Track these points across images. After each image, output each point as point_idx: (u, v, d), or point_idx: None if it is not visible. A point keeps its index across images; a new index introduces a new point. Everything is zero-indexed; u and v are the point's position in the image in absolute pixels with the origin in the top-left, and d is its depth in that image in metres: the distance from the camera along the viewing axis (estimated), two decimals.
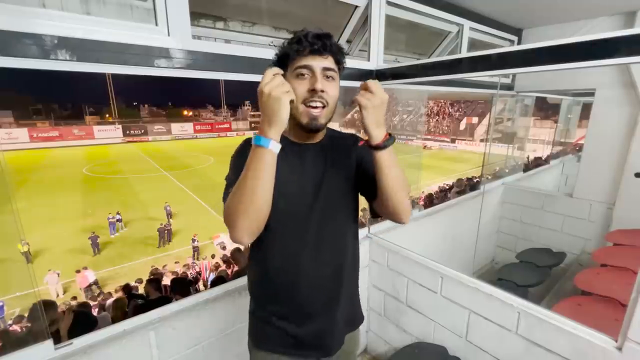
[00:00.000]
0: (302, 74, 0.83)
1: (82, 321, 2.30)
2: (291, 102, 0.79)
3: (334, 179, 0.94)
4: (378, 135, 0.80)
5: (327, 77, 0.84)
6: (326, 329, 1.00)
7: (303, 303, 0.96)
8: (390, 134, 0.82)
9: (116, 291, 5.85)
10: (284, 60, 0.86)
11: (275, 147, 0.76)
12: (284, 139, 0.90)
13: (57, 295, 7.58)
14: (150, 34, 1.21)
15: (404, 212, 0.89)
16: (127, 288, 5.48)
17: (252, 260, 1.03)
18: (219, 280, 4.20)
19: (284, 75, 0.83)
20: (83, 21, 1.09)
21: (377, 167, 0.83)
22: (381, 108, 0.80)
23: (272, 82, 0.75)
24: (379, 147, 0.81)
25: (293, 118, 0.87)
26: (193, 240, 9.33)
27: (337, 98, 0.89)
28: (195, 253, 9.21)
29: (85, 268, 7.61)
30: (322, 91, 0.82)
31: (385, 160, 0.82)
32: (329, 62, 0.84)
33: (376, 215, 0.98)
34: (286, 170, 0.89)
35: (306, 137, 0.93)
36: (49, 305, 2.45)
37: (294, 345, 0.98)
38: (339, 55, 0.87)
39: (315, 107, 0.84)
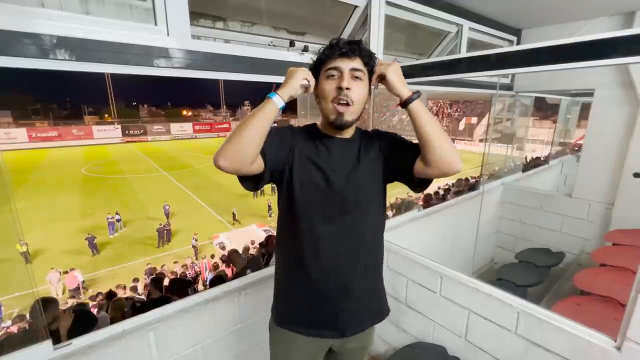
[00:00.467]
0: (332, 75, 0.92)
1: (82, 320, 2.28)
2: (307, 90, 0.94)
3: (360, 170, 0.99)
4: (405, 91, 0.91)
5: (355, 77, 0.92)
6: (343, 313, 1.04)
7: (322, 287, 1.01)
8: (415, 91, 0.92)
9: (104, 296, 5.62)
10: (318, 66, 0.96)
11: (278, 100, 0.87)
12: (317, 131, 1.03)
13: (57, 295, 7.58)
14: (150, 34, 1.21)
15: (453, 158, 0.88)
16: (111, 294, 5.19)
17: (278, 242, 1.09)
18: (218, 279, 4.19)
19: (317, 80, 0.96)
20: (82, 21, 1.09)
21: (414, 121, 0.90)
22: (398, 71, 0.93)
23: (300, 68, 0.91)
24: (410, 101, 0.90)
25: (324, 116, 0.97)
26: (193, 239, 9.34)
27: (364, 97, 0.95)
28: (195, 252, 9.22)
29: (74, 269, 7.54)
30: (348, 89, 0.90)
31: (419, 111, 0.90)
32: (356, 63, 0.91)
33: (422, 185, 1.01)
34: (315, 157, 0.98)
35: (337, 133, 1.00)
36: (50, 302, 2.42)
37: (312, 324, 1.04)
38: (367, 58, 0.93)
39: (341, 105, 0.91)
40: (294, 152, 0.97)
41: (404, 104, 0.91)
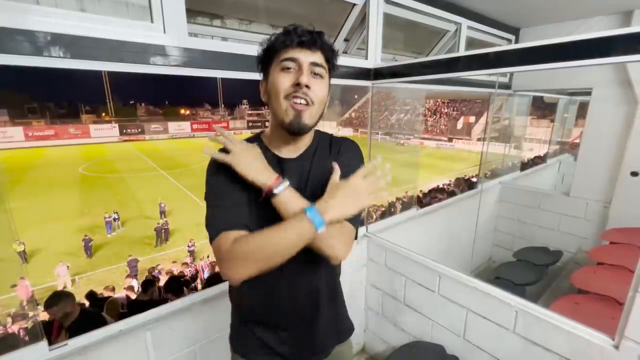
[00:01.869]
0: (288, 67, 0.77)
1: (89, 321, 2.26)
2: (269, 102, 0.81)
3: (310, 194, 0.85)
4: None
5: (315, 73, 0.78)
6: (306, 343, 0.97)
7: (280, 320, 0.93)
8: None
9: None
10: (269, 54, 0.80)
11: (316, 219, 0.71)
12: (269, 153, 0.86)
13: (65, 287, 7.63)
14: (146, 32, 1.20)
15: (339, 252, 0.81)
16: (91, 295, 4.83)
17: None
18: (215, 277, 4.18)
19: (268, 71, 0.82)
20: (78, 18, 1.07)
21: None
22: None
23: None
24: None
25: (275, 117, 0.81)
26: (189, 246, 9.27)
27: (324, 99, 0.82)
28: (192, 256, 9.18)
29: (23, 278, 6.99)
30: (307, 87, 0.76)
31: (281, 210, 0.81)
32: (317, 57, 0.78)
33: None
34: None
35: (289, 146, 0.86)
36: (64, 296, 2.36)
37: (272, 354, 0.96)
38: (329, 54, 0.80)
39: (299, 103, 0.77)
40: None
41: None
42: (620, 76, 2.77)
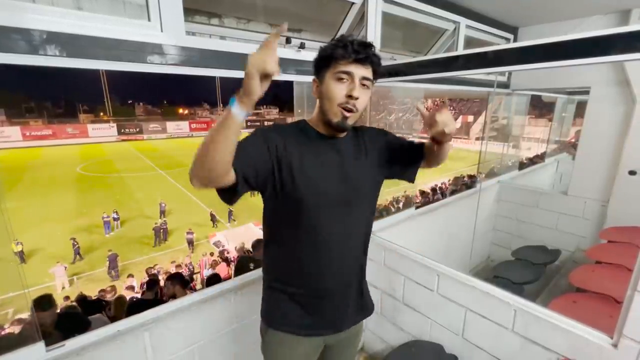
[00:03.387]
0: (342, 79, 0.89)
1: (68, 323, 2.22)
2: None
3: (359, 169, 1.00)
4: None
5: (363, 85, 0.90)
6: (340, 311, 1.07)
7: (323, 288, 1.02)
8: None
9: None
10: (326, 61, 0.90)
11: (237, 111, 0.72)
12: (313, 131, 0.98)
13: (63, 288, 7.65)
14: (143, 30, 1.19)
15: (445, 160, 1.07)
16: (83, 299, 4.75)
17: (270, 247, 1.06)
18: (214, 277, 4.16)
19: (323, 75, 0.92)
20: (74, 16, 1.06)
21: (443, 151, 0.99)
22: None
23: (258, 55, 0.69)
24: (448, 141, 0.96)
25: (324, 114, 0.93)
26: (188, 234, 9.27)
27: (366, 105, 0.95)
28: (191, 247, 9.18)
29: None
30: (357, 98, 0.88)
31: (449, 146, 0.99)
32: (368, 72, 0.90)
33: (415, 175, 1.15)
34: (315, 161, 0.95)
35: (334, 133, 0.99)
36: (45, 300, 2.31)
37: (312, 325, 1.04)
38: (377, 66, 0.92)
39: (349, 111, 0.90)
40: (285, 154, 0.89)
41: (444, 142, 0.95)
42: (618, 75, 2.78)
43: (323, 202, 0.95)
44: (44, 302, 2.21)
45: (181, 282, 3.56)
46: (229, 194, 0.85)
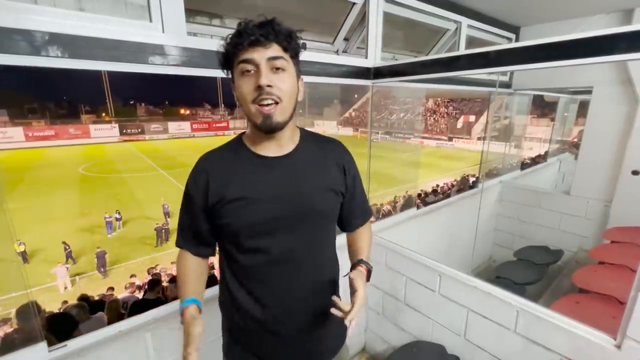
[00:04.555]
0: (247, 70, 0.75)
1: (62, 324, 2.22)
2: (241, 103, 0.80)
3: (309, 194, 0.86)
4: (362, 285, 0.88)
5: (276, 68, 0.75)
6: (302, 351, 0.96)
7: (278, 325, 0.90)
8: (366, 264, 0.98)
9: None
10: (229, 59, 0.78)
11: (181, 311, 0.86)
12: (248, 152, 0.86)
13: (65, 288, 7.62)
14: (145, 31, 1.19)
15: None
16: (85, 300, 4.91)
17: (224, 279, 0.95)
18: (211, 279, 4.15)
19: (232, 76, 0.80)
20: (76, 17, 1.07)
21: (352, 270, 0.95)
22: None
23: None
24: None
25: (249, 120, 0.80)
26: (164, 207, 9.29)
27: (292, 90, 0.79)
28: (168, 218, 9.13)
29: None
30: (269, 86, 0.74)
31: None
32: (273, 50, 0.75)
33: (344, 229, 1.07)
34: (253, 186, 0.83)
35: (272, 145, 0.85)
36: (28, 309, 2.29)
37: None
38: (286, 41, 0.76)
39: (266, 105, 0.75)
40: (218, 201, 0.83)
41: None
42: (621, 75, 2.76)
43: (254, 228, 0.83)
44: (27, 312, 2.18)
45: None
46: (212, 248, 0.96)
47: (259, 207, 0.82)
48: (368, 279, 0.95)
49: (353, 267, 0.97)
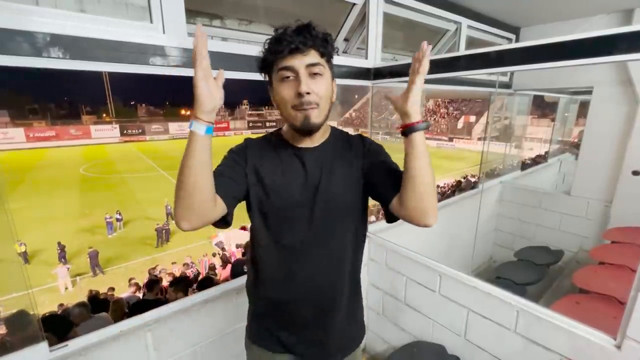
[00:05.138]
0: (287, 77, 0.79)
1: (57, 325, 2.21)
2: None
3: (334, 184, 0.89)
4: (417, 115, 0.77)
5: (314, 74, 0.79)
6: (319, 340, 0.98)
7: (295, 312, 0.94)
8: (425, 119, 0.79)
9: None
10: (266, 64, 0.82)
11: (197, 127, 0.69)
12: (283, 142, 0.91)
13: (66, 288, 7.64)
14: (145, 32, 1.19)
15: (431, 209, 0.79)
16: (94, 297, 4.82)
17: (250, 262, 1.02)
18: (206, 281, 4.15)
19: (270, 80, 0.83)
20: (77, 19, 1.07)
21: (411, 153, 0.77)
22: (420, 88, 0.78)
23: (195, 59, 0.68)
24: (416, 128, 0.77)
25: (287, 122, 0.85)
26: (167, 207, 9.44)
27: (328, 94, 0.83)
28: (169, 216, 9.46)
29: None
30: (308, 93, 0.77)
31: (419, 144, 0.77)
32: (311, 57, 0.78)
33: (393, 218, 0.90)
34: (283, 173, 0.88)
35: (306, 139, 0.89)
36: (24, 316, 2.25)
37: (287, 350, 0.99)
38: (323, 47, 0.80)
39: (305, 110, 0.79)
40: (257, 174, 0.87)
41: (410, 129, 0.77)
42: (621, 75, 2.76)
43: (282, 213, 0.88)
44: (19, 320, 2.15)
45: (185, 286, 3.58)
46: (223, 221, 0.83)
47: (288, 191, 0.87)
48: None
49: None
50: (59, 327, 2.21)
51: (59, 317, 2.79)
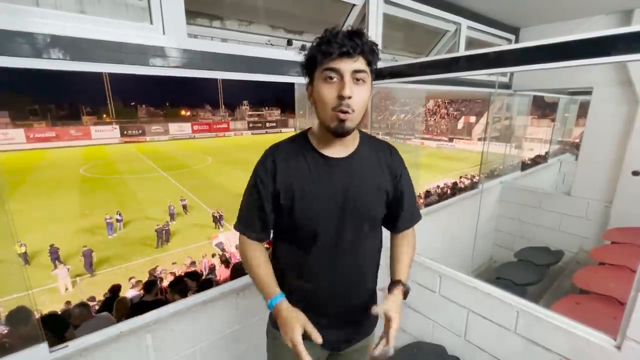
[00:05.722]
0: (331, 77, 0.80)
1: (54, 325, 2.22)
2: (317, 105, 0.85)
3: (362, 195, 0.94)
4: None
5: (357, 79, 0.80)
6: (338, 331, 1.04)
7: (319, 308, 1.00)
8: (403, 285, 1.08)
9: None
10: (312, 62, 0.83)
11: (271, 306, 0.92)
12: (313, 151, 0.93)
13: (66, 289, 7.65)
14: (145, 33, 1.20)
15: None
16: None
17: (275, 255, 1.06)
18: (206, 283, 4.16)
19: (312, 78, 0.85)
20: (77, 20, 1.07)
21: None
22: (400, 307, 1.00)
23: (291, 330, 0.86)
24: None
25: (321, 121, 0.87)
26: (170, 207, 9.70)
27: (365, 102, 0.85)
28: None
29: None
30: (350, 97, 0.79)
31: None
32: (359, 64, 0.80)
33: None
34: (315, 181, 0.91)
35: (336, 145, 0.92)
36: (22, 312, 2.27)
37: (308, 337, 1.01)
38: (370, 55, 0.81)
39: (344, 113, 0.81)
40: (284, 189, 0.92)
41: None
42: (621, 76, 2.76)
43: (311, 220, 0.92)
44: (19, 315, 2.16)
45: (186, 286, 3.58)
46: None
47: (318, 202, 0.91)
48: (405, 297, 1.04)
49: (390, 288, 1.04)
50: (58, 326, 2.21)
51: (58, 317, 2.79)
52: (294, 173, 0.91)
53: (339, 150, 0.93)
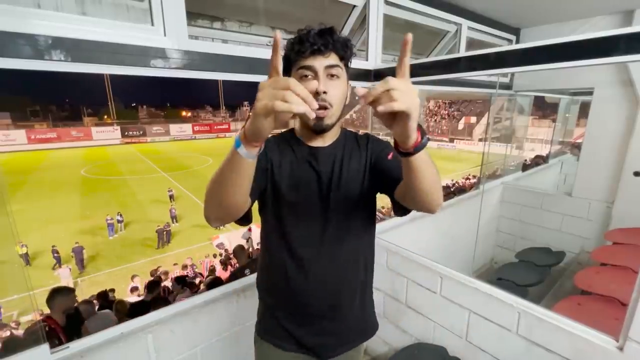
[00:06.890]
0: (306, 75, 0.82)
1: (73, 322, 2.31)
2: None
3: (346, 179, 0.93)
4: (414, 136, 0.61)
5: (332, 75, 0.83)
6: (328, 333, 1.01)
7: (306, 305, 0.97)
8: (420, 127, 0.63)
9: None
10: (288, 61, 0.85)
11: (244, 152, 0.63)
12: (295, 140, 0.95)
13: None
14: (146, 34, 1.20)
15: (436, 204, 0.76)
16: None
17: (261, 255, 1.05)
18: (214, 282, 4.17)
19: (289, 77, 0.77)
20: (78, 21, 1.08)
21: (411, 172, 0.67)
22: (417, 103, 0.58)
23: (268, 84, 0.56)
24: (420, 148, 0.63)
25: (301, 120, 0.91)
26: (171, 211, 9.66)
27: (342, 96, 0.87)
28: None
29: None
30: (324, 92, 0.81)
31: (422, 162, 0.65)
32: (331, 59, 0.82)
33: (402, 211, 0.90)
34: (299, 170, 0.92)
35: (318, 139, 0.93)
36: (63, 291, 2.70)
37: (296, 343, 1.01)
38: (342, 51, 0.84)
39: (319, 109, 0.79)
40: (272, 170, 0.91)
41: (410, 151, 0.63)
42: (622, 76, 2.76)
43: (295, 210, 0.91)
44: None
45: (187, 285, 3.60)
46: (246, 219, 0.86)
47: (303, 188, 0.91)
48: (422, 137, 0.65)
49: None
50: (75, 320, 2.33)
51: (77, 310, 2.90)
52: (282, 160, 0.92)
53: (320, 141, 0.94)
